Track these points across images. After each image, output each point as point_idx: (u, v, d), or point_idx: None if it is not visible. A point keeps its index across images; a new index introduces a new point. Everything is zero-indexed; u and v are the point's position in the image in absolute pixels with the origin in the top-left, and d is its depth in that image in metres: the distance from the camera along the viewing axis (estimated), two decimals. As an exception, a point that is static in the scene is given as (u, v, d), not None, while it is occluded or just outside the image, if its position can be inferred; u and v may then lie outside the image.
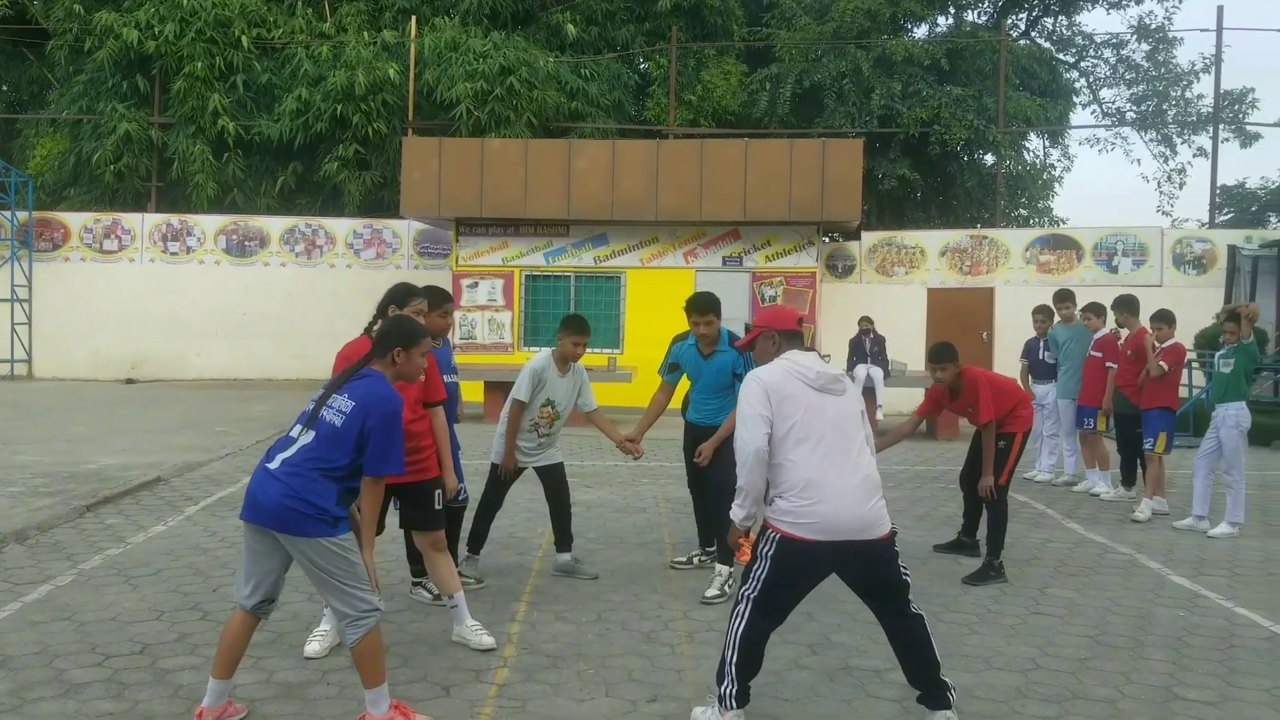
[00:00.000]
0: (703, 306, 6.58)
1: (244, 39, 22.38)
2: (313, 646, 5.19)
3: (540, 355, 6.63)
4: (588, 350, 6.69)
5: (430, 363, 5.51)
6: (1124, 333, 10.04)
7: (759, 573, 4.16)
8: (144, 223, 21.41)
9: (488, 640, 5.31)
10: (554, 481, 6.74)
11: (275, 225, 21.41)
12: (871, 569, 4.22)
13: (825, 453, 4.12)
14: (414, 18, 22.65)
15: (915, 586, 4.42)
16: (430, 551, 5.51)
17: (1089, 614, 6.15)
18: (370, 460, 4.16)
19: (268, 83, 22.66)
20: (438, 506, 5.47)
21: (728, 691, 4.18)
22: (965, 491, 7.68)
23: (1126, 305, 9.92)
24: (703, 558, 7.02)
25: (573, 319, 6.60)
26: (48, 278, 21.17)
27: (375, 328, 5.19)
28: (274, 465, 4.20)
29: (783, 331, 4.49)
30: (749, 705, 4.30)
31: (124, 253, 21.30)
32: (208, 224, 21.40)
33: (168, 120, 22.87)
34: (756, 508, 4.32)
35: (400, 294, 5.55)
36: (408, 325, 4.59)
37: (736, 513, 4.33)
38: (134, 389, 19.61)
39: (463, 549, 6.53)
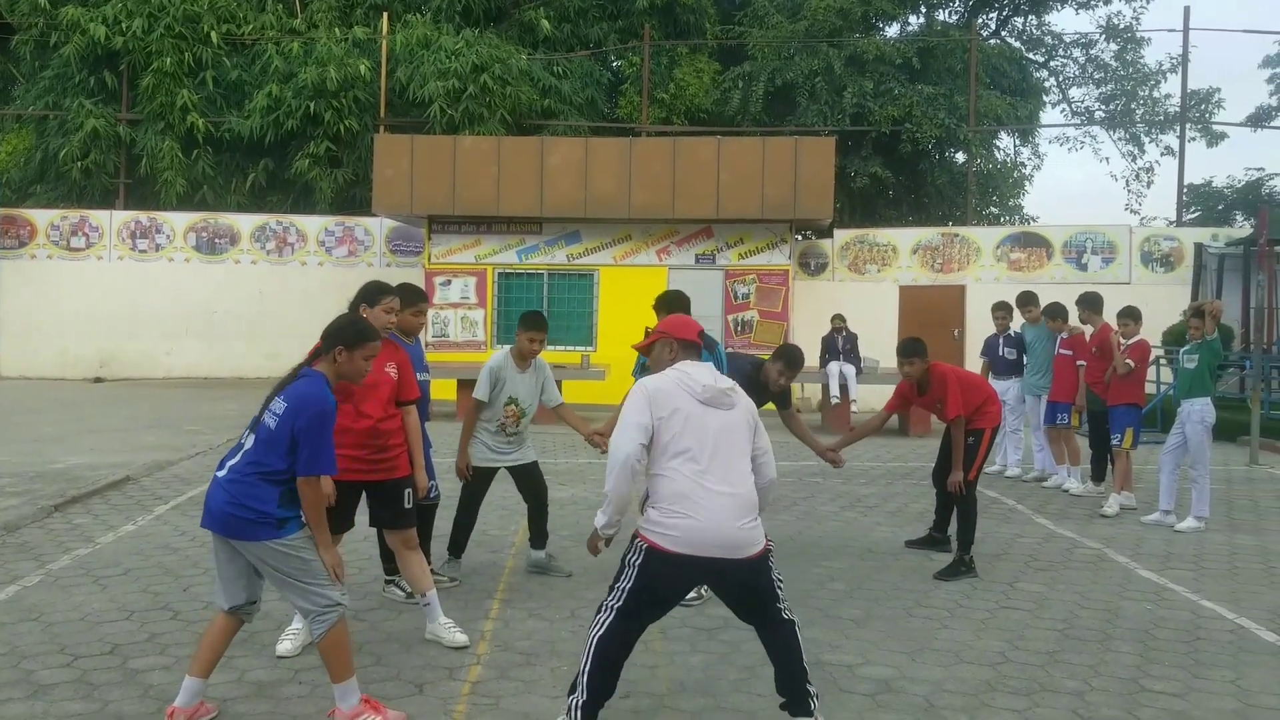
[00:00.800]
0: (674, 304, 6.45)
1: (213, 35, 22.22)
2: (284, 645, 5.17)
3: (498, 354, 6.58)
4: (562, 348, 6.67)
5: (404, 361, 5.50)
6: (1088, 330, 10.16)
7: (624, 583, 4.06)
8: (112, 220, 21.21)
9: (461, 638, 5.31)
10: (531, 481, 6.68)
11: (246, 223, 21.27)
12: (739, 585, 4.14)
13: (701, 467, 4.03)
14: (386, 14, 22.57)
15: (891, 581, 4.43)
16: (402, 550, 5.49)
17: (1058, 608, 6.21)
18: (302, 461, 4.14)
19: (238, 79, 22.51)
20: (407, 505, 5.45)
21: (576, 702, 4.04)
22: (938, 488, 7.74)
23: (1090, 303, 10.05)
24: None
25: (529, 315, 6.52)
26: (14, 276, 20.93)
27: None
28: (222, 474, 4.25)
29: (680, 340, 4.39)
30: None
31: (92, 250, 21.10)
32: (177, 221, 21.23)
33: (136, 116, 22.68)
34: (620, 516, 4.24)
35: (372, 292, 5.52)
36: (356, 326, 4.53)
37: (599, 519, 4.25)
38: (102, 388, 19.42)
39: (439, 549, 6.51)
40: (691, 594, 6.10)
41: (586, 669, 4.06)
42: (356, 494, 5.42)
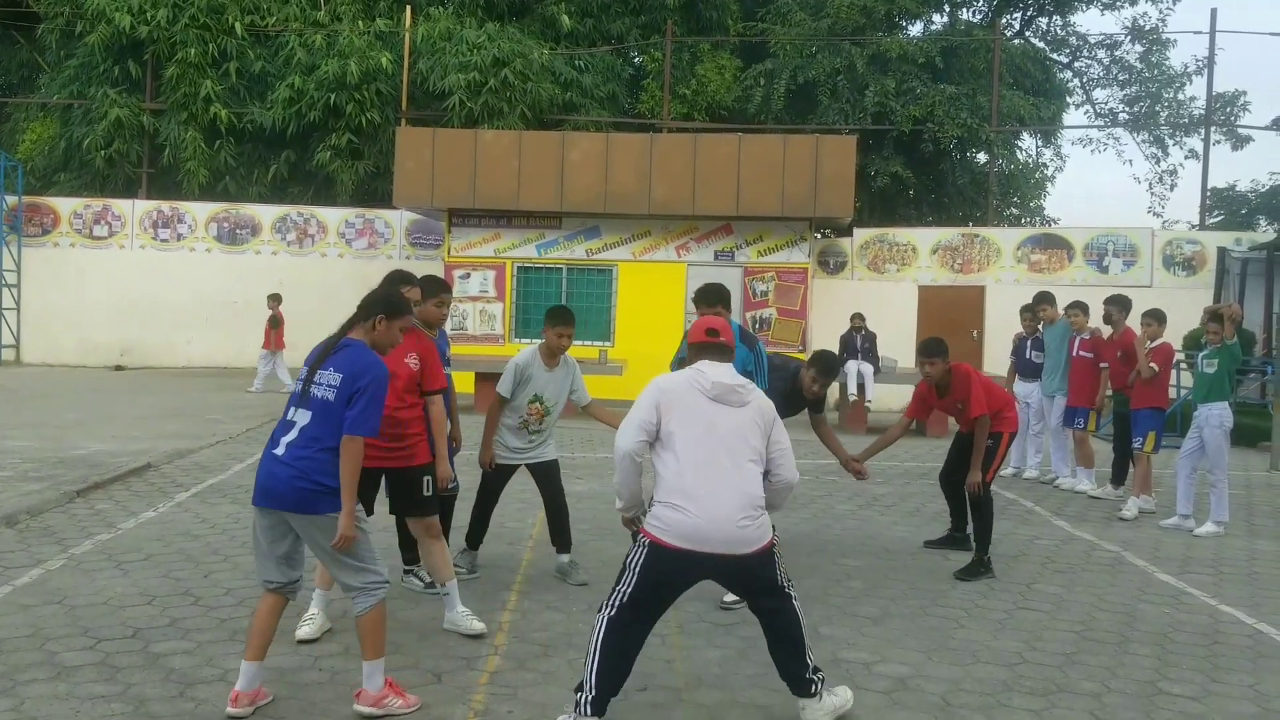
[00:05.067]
0: (712, 297, 6.31)
1: (237, 26, 22.30)
2: (304, 630, 5.20)
3: (527, 351, 6.43)
4: (580, 343, 6.59)
5: (430, 350, 5.53)
6: (1107, 330, 10.15)
7: (625, 585, 4.13)
8: (134, 209, 21.35)
9: (478, 625, 5.34)
10: (548, 480, 6.55)
11: (267, 213, 21.37)
12: (741, 579, 4.24)
13: (704, 463, 4.10)
14: (408, 7, 22.61)
15: (908, 580, 4.44)
16: (424, 538, 5.52)
17: (1075, 610, 6.20)
18: (350, 419, 4.19)
19: (261, 70, 22.59)
20: (426, 493, 5.46)
21: (584, 699, 4.07)
22: (946, 491, 7.73)
23: (1120, 304, 9.98)
24: None
25: (556, 310, 6.43)
26: (37, 263, 21.09)
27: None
28: (280, 451, 4.26)
29: (692, 344, 4.47)
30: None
31: (114, 239, 21.24)
32: (199, 211, 21.35)
33: (159, 106, 22.79)
34: (634, 502, 4.39)
35: (394, 281, 5.55)
36: (396, 296, 4.63)
37: (617, 504, 4.47)
38: (123, 375, 19.55)
39: (458, 541, 6.54)
40: (731, 597, 6.05)
41: (595, 669, 4.09)
42: (375, 481, 5.46)
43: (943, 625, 5.81)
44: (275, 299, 17.82)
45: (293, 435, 4.26)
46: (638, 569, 4.12)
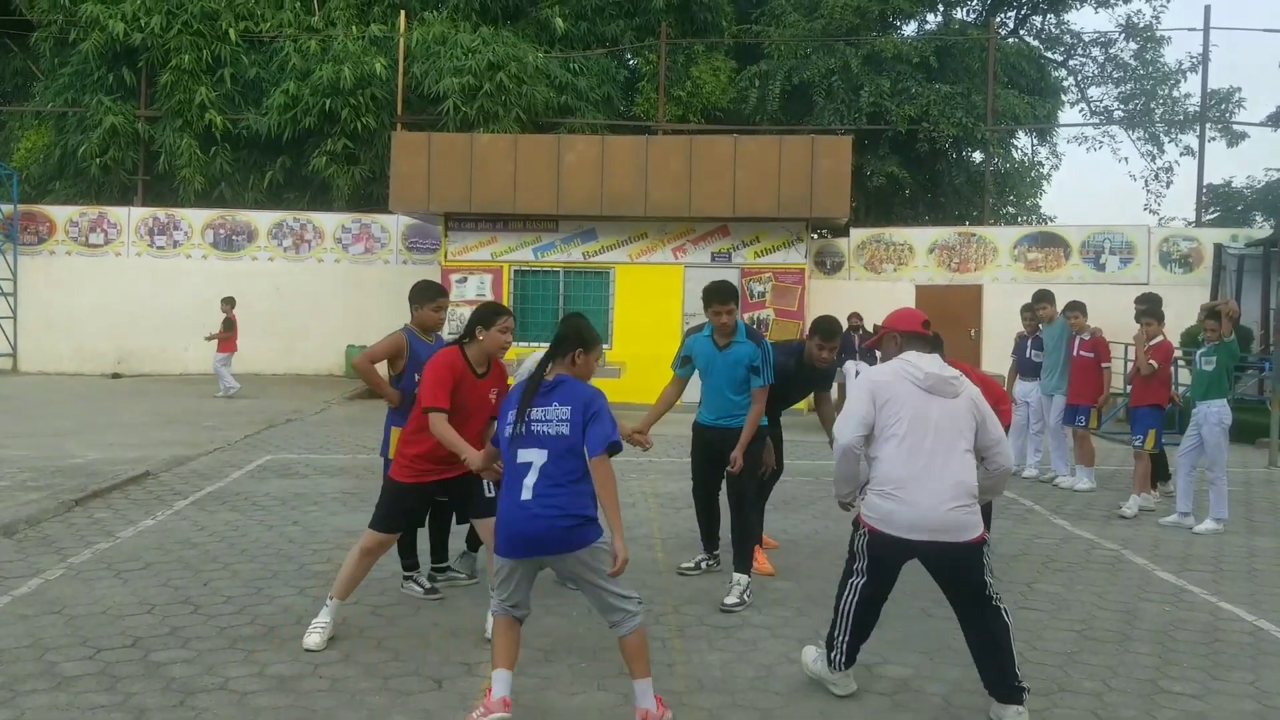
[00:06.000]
0: (723, 294, 6.35)
1: (231, 32, 22.29)
2: (313, 639, 5.20)
3: (533, 356, 6.41)
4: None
5: (504, 387, 5.61)
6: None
7: (860, 562, 4.47)
8: (130, 216, 21.33)
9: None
10: None
11: (263, 219, 21.36)
12: (953, 569, 4.36)
13: (919, 452, 4.29)
14: (403, 12, 22.60)
15: (910, 581, 4.48)
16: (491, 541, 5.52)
17: (1076, 608, 6.20)
18: (595, 440, 4.23)
19: (256, 76, 22.58)
20: (489, 494, 5.42)
21: (837, 659, 4.56)
22: None
23: (1152, 303, 9.75)
24: (709, 562, 6.90)
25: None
26: (33, 271, 21.06)
27: (464, 341, 5.45)
28: (529, 497, 4.23)
29: (904, 333, 4.69)
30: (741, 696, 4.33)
31: (110, 246, 21.21)
32: (195, 218, 21.33)
33: (154, 113, 22.78)
34: (851, 488, 4.65)
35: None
36: (584, 329, 4.57)
37: (835, 491, 4.74)
38: (120, 383, 19.53)
39: (456, 544, 6.53)
40: (731, 599, 6.05)
41: (844, 639, 4.55)
42: (430, 498, 5.60)
43: (944, 626, 5.79)
44: (229, 302, 17.80)
45: (534, 477, 4.25)
46: (865, 550, 4.46)
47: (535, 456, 4.27)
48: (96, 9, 22.00)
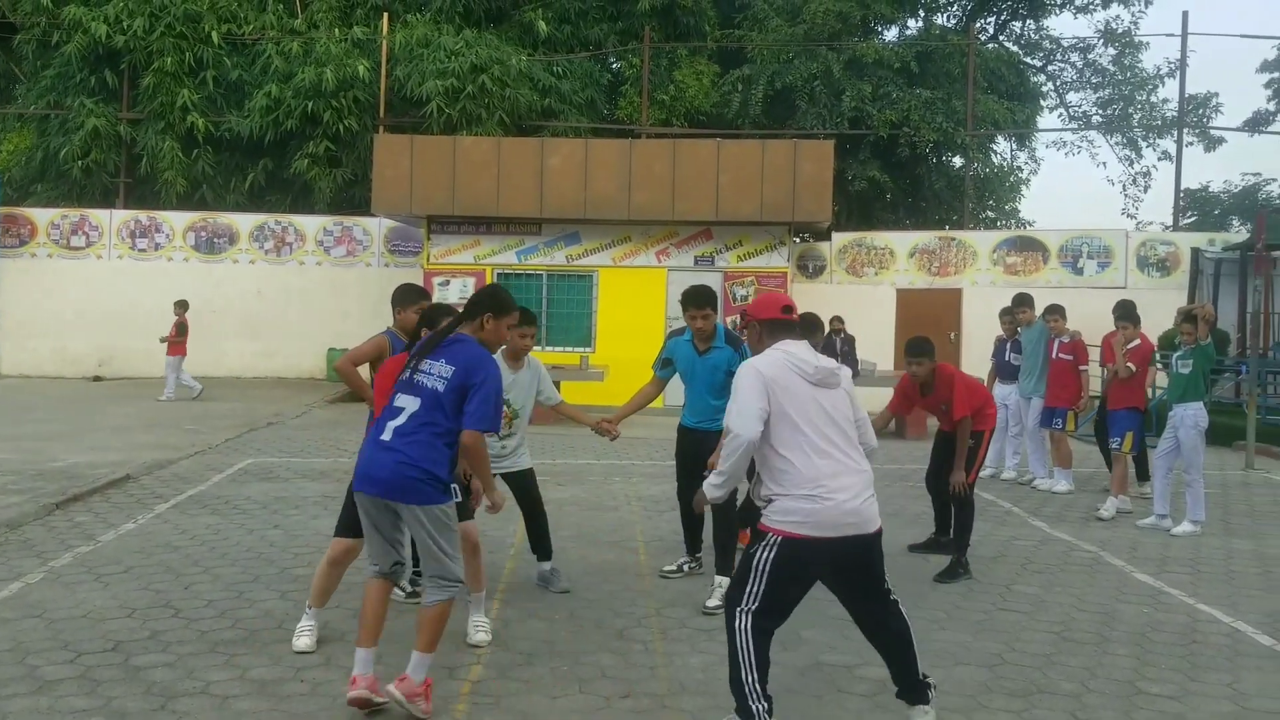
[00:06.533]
0: (700, 299, 6.41)
1: (214, 34, 22.20)
2: (302, 641, 5.21)
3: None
4: (560, 349, 6.53)
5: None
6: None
7: (756, 580, 4.04)
8: (112, 219, 21.23)
9: (481, 636, 5.40)
10: (524, 489, 6.47)
11: (245, 222, 21.29)
12: (862, 564, 4.20)
13: (829, 447, 4.10)
14: (386, 14, 22.56)
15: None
16: (464, 549, 5.49)
17: (1054, 610, 6.25)
18: (471, 415, 4.25)
19: (238, 79, 22.50)
20: (457, 499, 5.42)
21: (759, 710, 4.01)
22: (934, 493, 7.77)
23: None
24: (691, 564, 6.92)
25: (523, 311, 6.29)
26: (14, 274, 20.93)
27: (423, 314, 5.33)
28: (387, 437, 4.30)
29: (765, 321, 4.43)
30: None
31: (91, 249, 21.11)
32: (176, 220, 21.24)
33: (137, 116, 22.68)
34: (736, 485, 4.45)
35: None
36: (501, 294, 4.67)
37: (714, 490, 4.36)
38: (101, 386, 19.43)
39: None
40: (714, 601, 6.07)
41: (754, 680, 4.00)
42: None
43: (924, 627, 5.84)
44: (181, 305, 17.71)
45: (401, 420, 4.31)
46: (766, 569, 4.04)
47: (409, 403, 4.34)
48: (79, 11, 21.88)
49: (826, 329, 15.67)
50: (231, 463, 10.97)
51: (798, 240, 19.76)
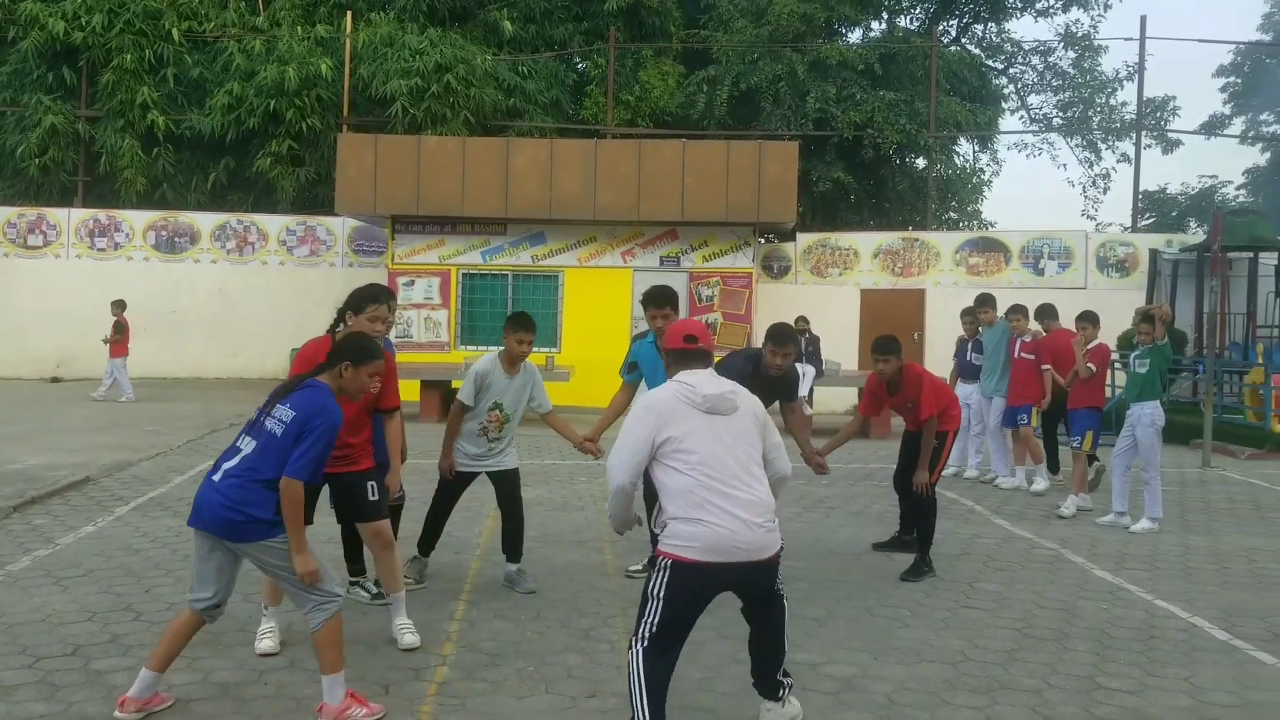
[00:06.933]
0: (660, 299, 6.40)
1: (175, 31, 21.99)
2: (264, 644, 5.17)
3: (486, 358, 6.33)
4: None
5: (391, 368, 5.47)
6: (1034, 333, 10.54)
7: (651, 615, 3.96)
8: (70, 218, 20.95)
9: (409, 639, 5.32)
10: (507, 489, 6.46)
11: (206, 221, 21.08)
12: (753, 586, 4.16)
13: (714, 475, 4.01)
14: (349, 13, 22.42)
15: (853, 580, 4.49)
16: (376, 546, 5.46)
17: (1016, 607, 6.32)
18: (293, 461, 4.20)
19: (199, 76, 22.30)
20: (372, 497, 5.41)
21: None
22: (901, 492, 7.82)
23: (1048, 312, 10.62)
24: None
25: (517, 316, 6.32)
26: (-31, 274, 20.60)
27: (336, 330, 5.28)
28: (217, 477, 4.29)
29: (670, 351, 4.43)
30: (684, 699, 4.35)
31: (49, 248, 20.83)
32: (136, 220, 21.00)
33: (95, 113, 22.40)
34: (626, 524, 4.49)
35: (360, 299, 5.47)
36: (363, 343, 4.61)
37: (613, 526, 4.51)
38: (60, 387, 19.17)
39: (406, 551, 6.50)
40: (636, 566, 6.11)
41: (646, 705, 3.90)
42: (315, 490, 5.42)
43: (888, 625, 5.90)
44: (119, 305, 17.53)
45: (234, 462, 4.30)
46: (661, 594, 3.96)
47: (247, 445, 4.33)
48: (36, 7, 21.60)
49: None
50: (193, 464, 10.86)
51: (763, 241, 19.85)
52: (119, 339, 17.18)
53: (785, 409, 6.77)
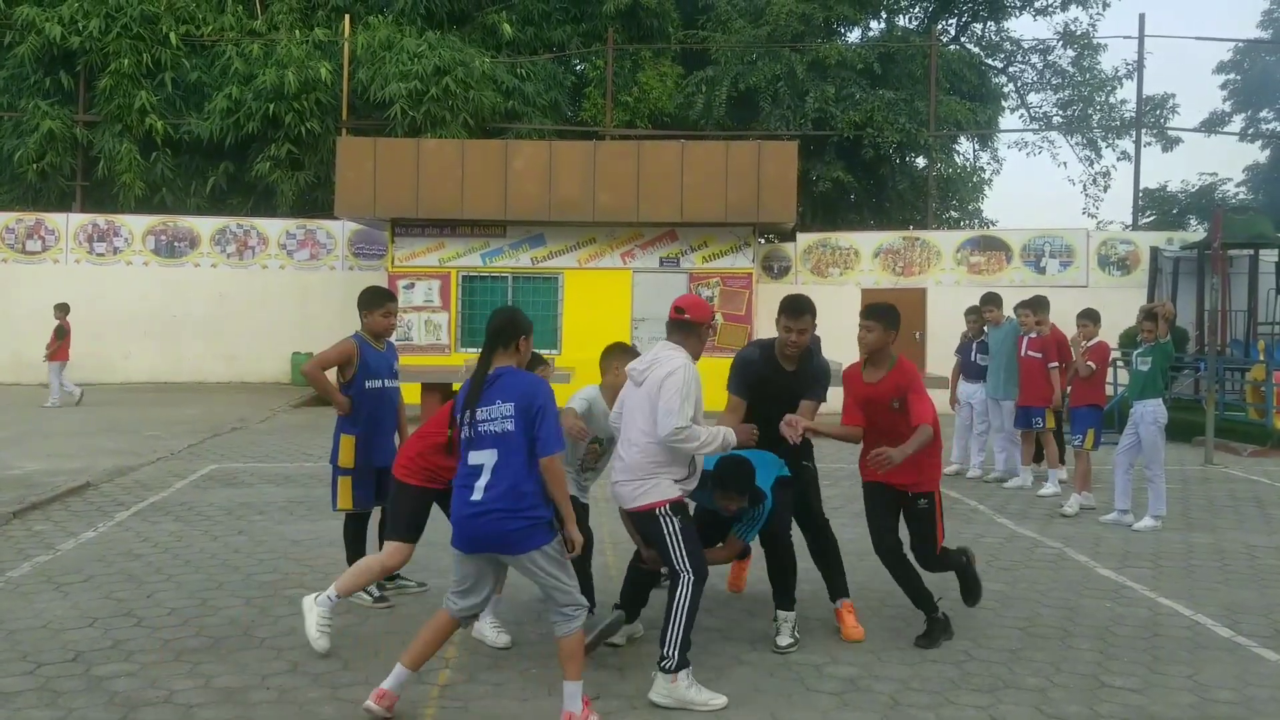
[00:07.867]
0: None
1: (172, 35, 21.96)
2: (322, 643, 5.17)
3: (589, 390, 5.72)
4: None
5: None
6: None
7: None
8: (69, 223, 20.92)
9: (504, 638, 5.43)
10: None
11: (205, 225, 21.05)
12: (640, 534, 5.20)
13: (621, 435, 5.11)
14: (347, 16, 22.41)
15: (854, 581, 4.48)
16: None
17: (1020, 606, 6.31)
18: (543, 441, 4.27)
19: (197, 80, 22.27)
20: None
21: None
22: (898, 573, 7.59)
23: (1043, 305, 10.56)
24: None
25: (617, 345, 5.77)
26: (-33, 279, 20.58)
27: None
28: (478, 497, 4.27)
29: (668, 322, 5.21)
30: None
31: (48, 253, 20.79)
32: (135, 224, 20.96)
33: (93, 118, 22.37)
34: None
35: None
36: (518, 316, 4.61)
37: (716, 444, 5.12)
38: (59, 393, 19.13)
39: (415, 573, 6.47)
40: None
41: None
42: (428, 504, 5.53)
43: (892, 625, 5.88)
44: (63, 309, 17.49)
45: (486, 478, 4.27)
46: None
47: (486, 458, 4.30)
48: (32, 12, 21.57)
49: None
50: (195, 468, 10.85)
51: (762, 241, 19.82)
52: (59, 344, 17.11)
53: (802, 407, 5.73)
